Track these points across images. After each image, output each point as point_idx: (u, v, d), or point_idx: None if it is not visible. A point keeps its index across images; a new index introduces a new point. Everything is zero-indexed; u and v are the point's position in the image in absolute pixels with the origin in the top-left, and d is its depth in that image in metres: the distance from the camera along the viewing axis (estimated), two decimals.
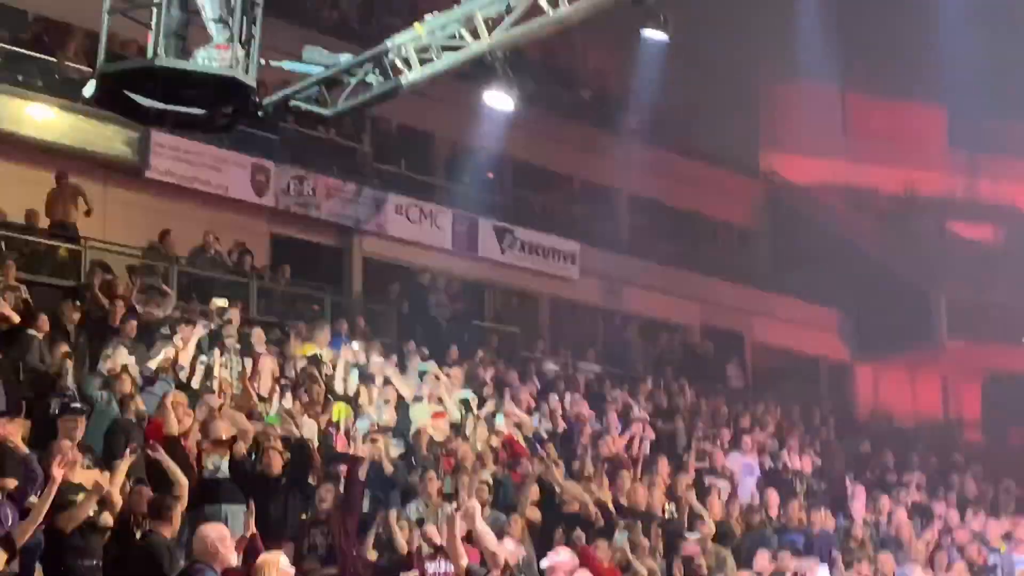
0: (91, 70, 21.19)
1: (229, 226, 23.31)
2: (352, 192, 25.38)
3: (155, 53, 10.32)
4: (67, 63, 21.96)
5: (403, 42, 12.48)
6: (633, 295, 30.35)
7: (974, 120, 36.09)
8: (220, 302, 19.27)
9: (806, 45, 30.23)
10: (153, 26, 10.50)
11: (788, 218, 35.10)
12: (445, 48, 12.63)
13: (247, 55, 10.44)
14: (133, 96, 10.85)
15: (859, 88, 37.00)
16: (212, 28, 10.49)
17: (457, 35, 12.60)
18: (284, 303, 22.98)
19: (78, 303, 17.27)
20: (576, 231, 29.50)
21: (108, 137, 21.69)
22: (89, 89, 10.88)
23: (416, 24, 12.61)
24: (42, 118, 21.18)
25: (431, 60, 12.60)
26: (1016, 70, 31.51)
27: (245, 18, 10.42)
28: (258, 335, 18.28)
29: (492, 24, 12.53)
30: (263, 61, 10.81)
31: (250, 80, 10.48)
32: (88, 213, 20.48)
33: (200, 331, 17.19)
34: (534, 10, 12.58)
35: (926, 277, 33.66)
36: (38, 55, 21.89)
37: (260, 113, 12.13)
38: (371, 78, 12.47)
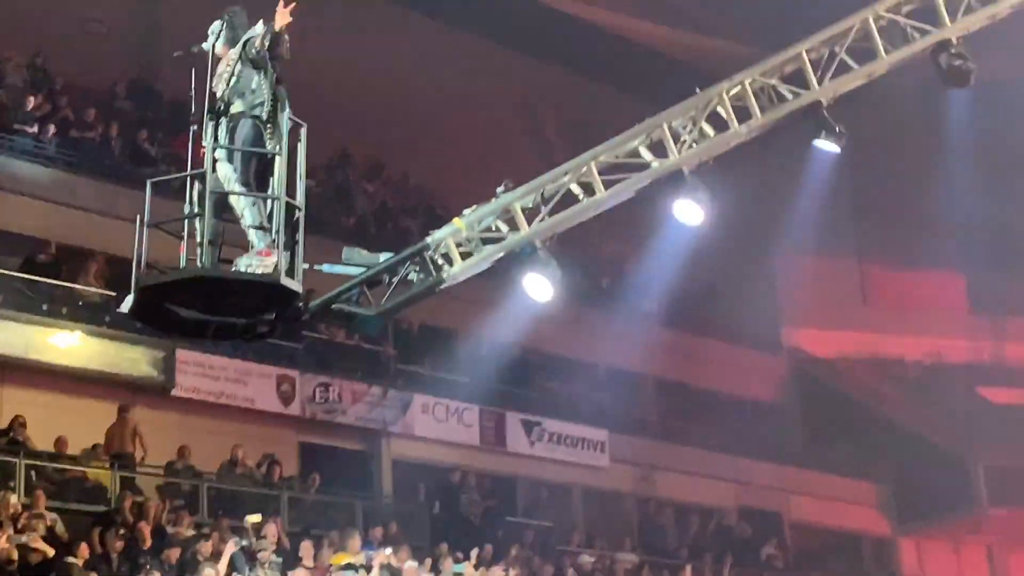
0: (112, 294, 21.97)
1: (257, 438, 23.31)
2: (377, 395, 25.39)
3: (200, 263, 10.38)
4: (88, 288, 22.22)
5: (443, 237, 12.50)
6: (666, 480, 30.06)
7: (993, 284, 36.14)
8: (254, 518, 19.15)
9: (819, 218, 30.48)
10: (196, 235, 10.56)
11: (816, 392, 34.93)
12: (485, 241, 12.68)
13: (291, 260, 10.46)
14: (174, 308, 10.82)
15: (876, 258, 37.20)
16: (253, 235, 10.54)
17: (495, 227, 12.68)
18: (315, 512, 22.83)
19: (120, 531, 17.19)
20: (604, 418, 29.37)
21: (133, 359, 21.84)
22: (127, 304, 10.76)
23: (456, 219, 12.65)
24: (67, 345, 21.33)
25: (471, 254, 12.63)
26: None
27: (287, 224, 10.44)
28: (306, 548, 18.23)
29: (529, 215, 12.65)
30: (306, 265, 10.80)
31: (296, 286, 10.48)
32: (144, 448, 21.00)
33: (232, 548, 17.07)
34: (569, 198, 12.71)
35: (961, 444, 33.29)
36: (59, 283, 22.17)
37: (303, 318, 12.06)
38: (412, 275, 12.47)
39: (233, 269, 10.41)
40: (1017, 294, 36.69)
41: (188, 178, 10.70)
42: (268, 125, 10.64)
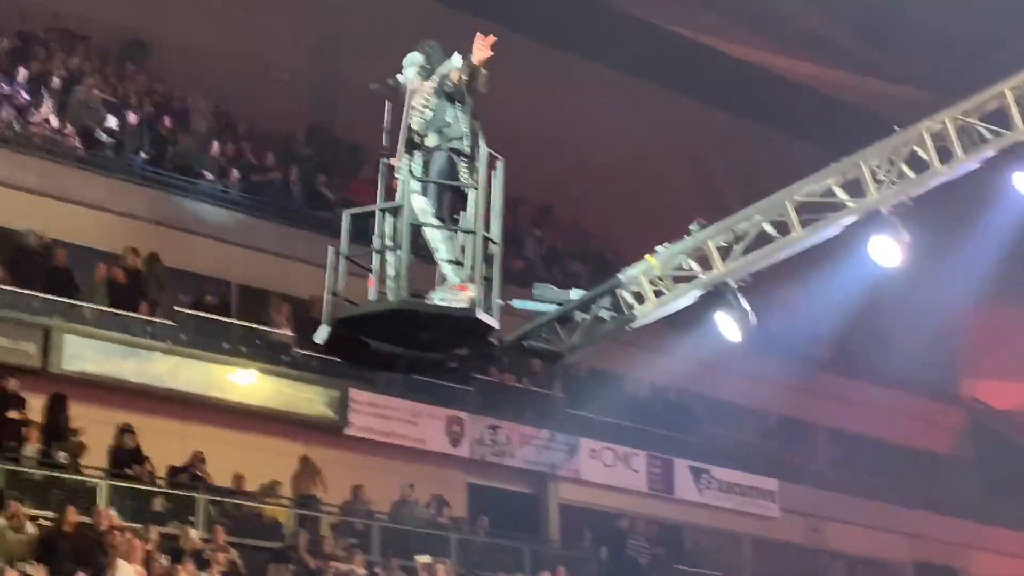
0: (291, 334, 22.52)
1: (427, 478, 23.58)
2: (546, 438, 25.48)
3: (395, 296, 10.30)
4: (268, 328, 22.78)
5: (636, 274, 12.35)
6: (838, 532, 29.55)
7: None
8: (424, 558, 19.34)
9: (1004, 265, 29.78)
10: (386, 269, 10.47)
11: (994, 445, 34.00)
12: (677, 279, 12.51)
13: (486, 296, 10.32)
14: (368, 341, 10.73)
15: None
16: (447, 269, 10.44)
17: (687, 266, 12.50)
18: (483, 554, 22.98)
19: (295, 567, 17.53)
20: (775, 468, 29.01)
21: (309, 399, 22.30)
22: (321, 335, 10.60)
23: (648, 256, 12.49)
24: (247, 383, 21.87)
25: (663, 292, 12.46)
26: None
27: (483, 258, 10.31)
28: None
29: (723, 253, 12.44)
30: (500, 301, 10.69)
31: (493, 321, 10.37)
32: (325, 490, 21.55)
33: None
34: (763, 238, 12.49)
35: None
36: (241, 323, 22.76)
37: (496, 354, 11.91)
38: (603, 313, 12.35)
39: (428, 303, 10.34)
40: None
41: (378, 212, 10.64)
42: (464, 159, 10.63)
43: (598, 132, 30.70)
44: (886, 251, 12.62)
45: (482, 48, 10.40)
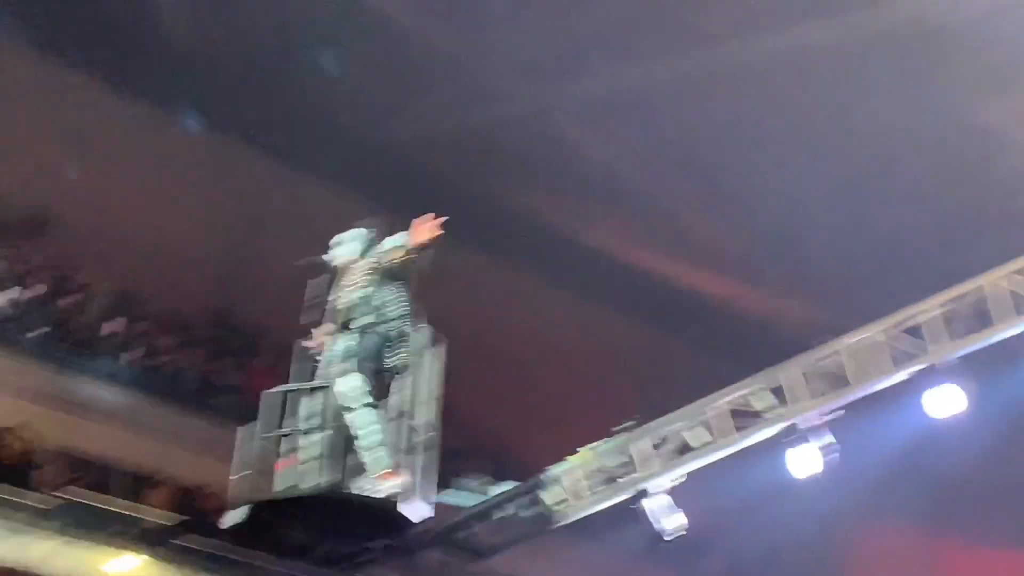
0: (179, 519, 21.84)
1: None
2: None
3: (318, 480, 10.04)
4: (153, 513, 22.19)
5: (558, 474, 12.10)
6: None
7: None
8: None
9: (895, 486, 30.09)
10: (303, 452, 10.21)
11: None
12: (602, 482, 12.21)
13: (424, 486, 10.09)
14: (290, 528, 10.48)
15: (949, 533, 36.40)
16: (379, 454, 10.12)
17: (608, 468, 12.19)
18: None
19: None
20: None
21: None
22: (233, 519, 10.34)
23: (574, 456, 12.23)
24: (128, 570, 21.13)
25: (584, 493, 12.14)
26: None
27: (417, 447, 10.13)
28: None
29: (646, 457, 12.21)
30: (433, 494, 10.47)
31: (428, 512, 10.19)
32: None
33: None
34: (685, 447, 12.34)
35: None
36: (124, 507, 22.14)
37: (419, 547, 11.82)
38: (523, 512, 12.25)
39: (367, 492, 9.98)
40: None
41: (292, 394, 10.60)
42: (401, 340, 10.43)
43: (504, 331, 30.66)
44: (804, 464, 12.67)
45: (431, 228, 10.47)
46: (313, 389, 10.46)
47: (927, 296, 13.88)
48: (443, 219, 10.50)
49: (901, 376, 12.93)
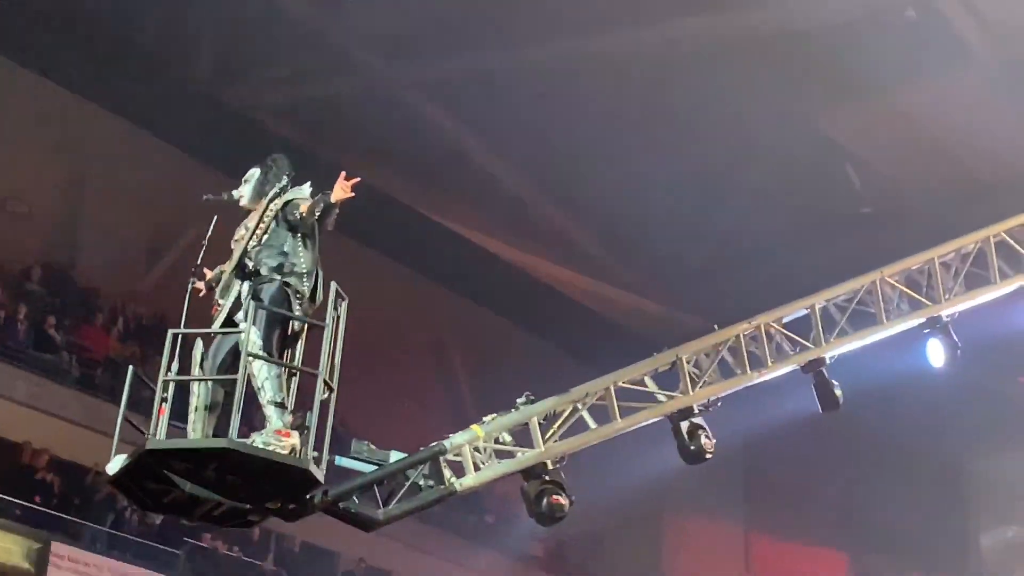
0: None
1: None
2: None
3: (204, 434, 9.60)
4: None
5: (460, 443, 11.46)
6: None
7: (873, 565, 36.50)
8: None
9: (712, 481, 30.73)
10: (196, 401, 9.82)
11: None
12: (499, 454, 11.90)
13: (319, 447, 9.55)
14: (177, 480, 9.63)
15: (762, 529, 37.37)
16: (271, 411, 9.60)
17: (506, 440, 11.87)
18: None
19: None
20: None
21: (6, 548, 21.21)
22: (114, 467, 9.66)
23: (475, 426, 11.85)
24: None
25: (483, 466, 11.77)
26: (911, 517, 32.39)
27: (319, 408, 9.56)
28: None
29: (544, 431, 11.92)
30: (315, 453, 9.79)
31: (320, 474, 9.66)
32: None
33: None
34: (580, 424, 12.13)
35: None
36: None
37: (309, 511, 10.62)
38: (421, 481, 11.40)
39: (264, 448, 9.40)
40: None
41: (181, 337, 9.77)
42: (298, 296, 9.97)
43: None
44: (689, 452, 12.76)
45: (345, 188, 9.93)
46: (214, 334, 9.95)
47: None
48: (356, 181, 9.89)
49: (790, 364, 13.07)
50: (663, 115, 25.44)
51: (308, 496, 10.05)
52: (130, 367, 10.11)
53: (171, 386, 9.76)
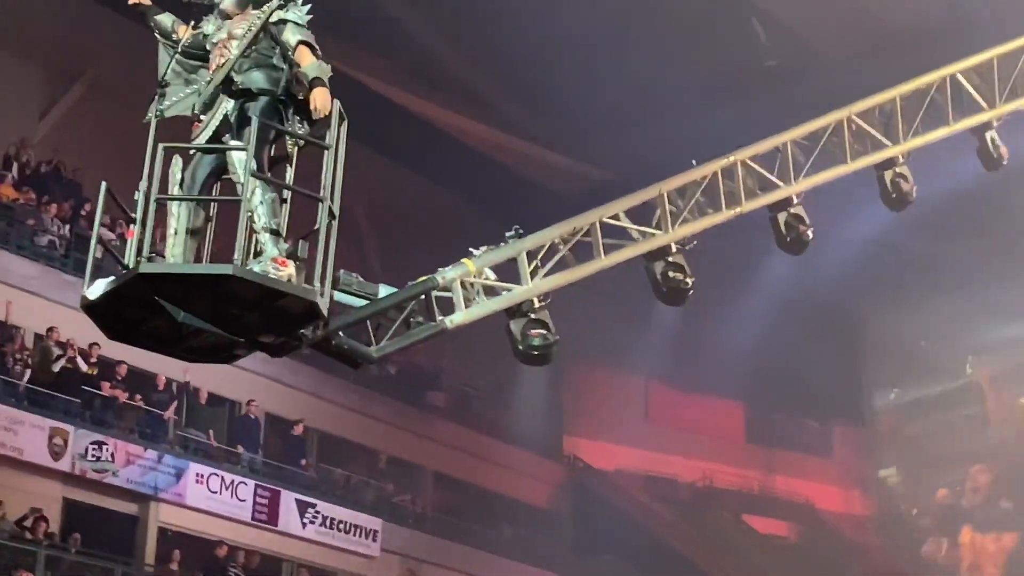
0: None
1: (23, 490, 22.47)
2: (153, 459, 24.72)
3: (185, 259, 8.86)
4: None
5: (453, 278, 10.99)
6: (431, 574, 29.95)
7: (770, 418, 37.35)
8: None
9: (612, 331, 31.08)
10: (175, 223, 9.05)
11: (589, 503, 35.31)
12: (487, 291, 11.25)
13: (316, 276, 8.87)
14: (167, 306, 8.81)
15: (663, 379, 38.01)
16: (265, 238, 8.91)
17: (491, 276, 11.43)
18: (72, 571, 22.08)
19: None
20: (380, 508, 29.19)
21: None
22: (96, 290, 8.91)
23: (465, 260, 11.37)
24: None
25: (473, 302, 11.07)
26: (812, 371, 32.97)
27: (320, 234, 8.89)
28: None
29: (535, 268, 11.54)
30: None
31: (324, 308, 9.03)
32: None
33: None
34: (568, 259, 11.78)
35: (722, 571, 33.99)
36: None
37: (301, 345, 10.10)
38: (413, 318, 10.85)
39: (269, 277, 8.71)
40: (792, 430, 38.04)
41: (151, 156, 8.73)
42: (299, 109, 9.17)
43: None
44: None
45: (324, 106, 9.10)
46: (205, 150, 9.15)
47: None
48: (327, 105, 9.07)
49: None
50: None
51: (302, 330, 9.51)
52: (103, 183, 9.09)
53: (152, 207, 8.81)
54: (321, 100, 9.05)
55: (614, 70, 26.85)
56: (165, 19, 9.68)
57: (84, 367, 23.71)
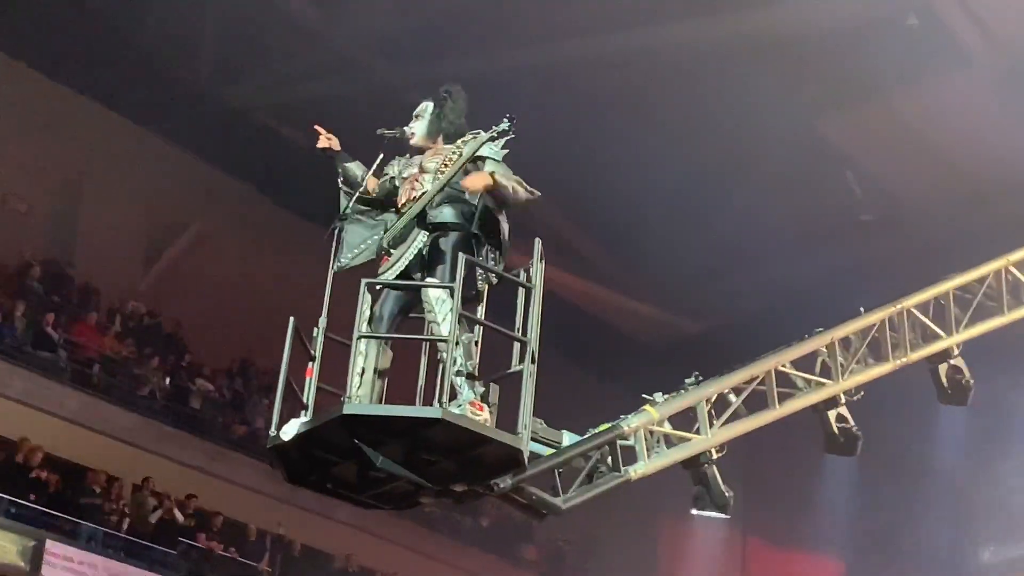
0: None
1: None
2: None
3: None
4: None
5: (638, 426, 10.53)
6: None
7: (871, 572, 36.46)
8: None
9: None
10: (361, 363, 8.79)
11: None
12: (668, 441, 10.80)
13: (521, 423, 8.59)
14: (366, 450, 8.46)
15: (760, 533, 37.34)
16: (460, 382, 8.57)
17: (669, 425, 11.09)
18: None
19: None
20: None
21: (1, 547, 21.14)
22: (292, 429, 8.53)
23: (648, 407, 10.76)
24: None
25: (653, 452, 10.61)
26: (906, 531, 32.39)
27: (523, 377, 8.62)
28: None
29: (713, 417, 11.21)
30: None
31: (526, 455, 8.75)
32: None
33: None
34: (739, 409, 11.44)
35: None
36: None
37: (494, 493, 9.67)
38: (602, 466, 10.41)
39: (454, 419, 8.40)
40: None
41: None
42: (492, 245, 8.93)
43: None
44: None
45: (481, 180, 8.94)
46: (408, 288, 8.85)
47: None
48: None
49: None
50: (661, 117, 25.37)
51: (501, 480, 9.11)
52: (291, 319, 8.85)
53: (364, 344, 8.69)
54: (474, 180, 8.87)
55: (707, 221, 26.97)
56: (355, 169, 9.47)
57: (180, 518, 23.90)
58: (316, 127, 9.51)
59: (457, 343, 8.51)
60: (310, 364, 8.67)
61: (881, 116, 25.60)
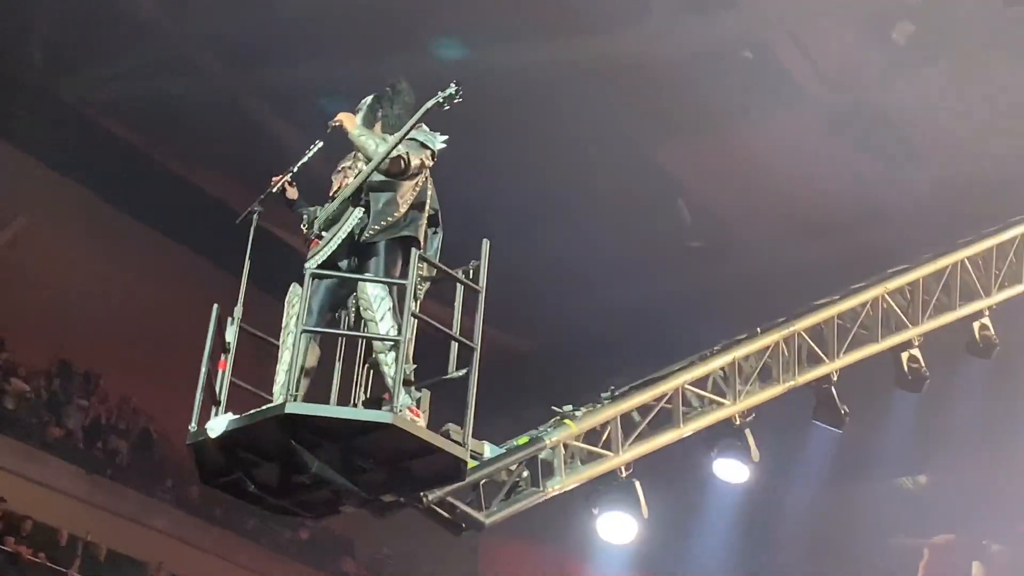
0: None
1: None
2: None
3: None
4: None
5: (557, 440, 10.35)
6: None
7: None
8: None
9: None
10: (284, 367, 8.36)
11: None
12: (582, 458, 10.73)
13: (467, 431, 8.31)
14: (303, 454, 8.00)
15: (583, 556, 37.33)
16: (390, 384, 8.24)
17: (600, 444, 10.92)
18: None
19: None
20: None
21: None
22: (219, 426, 8.03)
23: (568, 421, 10.66)
24: None
25: (567, 467, 10.50)
26: None
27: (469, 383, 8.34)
28: None
29: (623, 438, 11.01)
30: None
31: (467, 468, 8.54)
32: None
33: None
34: (664, 418, 11.33)
35: None
36: None
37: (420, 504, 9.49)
38: (520, 480, 10.23)
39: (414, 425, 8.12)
40: None
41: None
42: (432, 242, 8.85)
43: (143, 297, 29.30)
44: (731, 469, 12.55)
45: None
46: (343, 280, 8.54)
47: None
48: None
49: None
50: (500, 138, 25.37)
51: (430, 491, 8.99)
52: (215, 306, 8.52)
53: (301, 342, 8.22)
54: (343, 117, 8.80)
55: (542, 241, 27.07)
56: (321, 213, 9.18)
57: None
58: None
59: (396, 345, 8.18)
60: (223, 356, 8.34)
61: (715, 146, 26.01)
